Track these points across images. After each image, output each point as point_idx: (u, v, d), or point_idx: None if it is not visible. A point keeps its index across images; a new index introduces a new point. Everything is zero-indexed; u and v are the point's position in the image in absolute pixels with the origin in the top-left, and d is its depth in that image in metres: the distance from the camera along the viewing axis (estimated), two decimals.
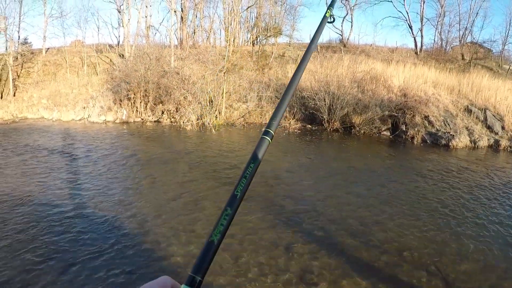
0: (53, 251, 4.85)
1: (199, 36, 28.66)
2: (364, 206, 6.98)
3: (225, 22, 22.64)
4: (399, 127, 15.52)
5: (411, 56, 26.86)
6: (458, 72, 21.76)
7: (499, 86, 18.49)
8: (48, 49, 26.94)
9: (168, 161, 9.90)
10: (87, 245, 5.02)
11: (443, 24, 31.01)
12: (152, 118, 16.85)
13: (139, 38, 25.15)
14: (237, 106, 16.93)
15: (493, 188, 8.74)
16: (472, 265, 4.93)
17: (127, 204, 6.57)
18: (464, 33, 30.83)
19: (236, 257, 4.82)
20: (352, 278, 4.48)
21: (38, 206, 6.37)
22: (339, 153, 12.49)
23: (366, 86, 16.87)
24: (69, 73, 22.65)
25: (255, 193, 7.27)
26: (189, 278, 0.63)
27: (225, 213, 0.70)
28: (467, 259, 5.09)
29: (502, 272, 4.80)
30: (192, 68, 17.67)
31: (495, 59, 30.55)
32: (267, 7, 26.90)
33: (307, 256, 4.95)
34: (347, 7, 30.97)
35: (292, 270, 4.61)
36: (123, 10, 26.87)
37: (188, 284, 0.62)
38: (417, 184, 8.74)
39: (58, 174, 8.47)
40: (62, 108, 17.90)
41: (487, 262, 5.02)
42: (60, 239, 5.17)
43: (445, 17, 31.01)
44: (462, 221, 6.47)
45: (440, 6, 30.45)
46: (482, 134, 15.13)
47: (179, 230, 5.56)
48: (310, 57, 1.15)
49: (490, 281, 4.58)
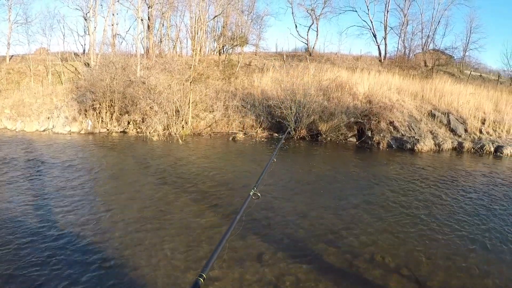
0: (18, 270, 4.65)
1: (165, 45, 28.51)
2: (333, 213, 7.06)
3: (191, 31, 22.60)
4: (365, 133, 15.85)
5: (375, 64, 27.61)
6: (421, 78, 22.52)
7: (461, 91, 19.23)
8: (12, 56, 26.12)
9: (134, 173, 9.70)
10: (51, 265, 4.81)
11: (406, 32, 32.18)
12: (118, 129, 16.52)
13: (105, 46, 24.74)
14: (203, 115, 16.83)
15: (458, 189, 9.11)
16: (445, 266, 5.14)
17: (93, 219, 6.33)
18: (426, 41, 32.08)
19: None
20: (326, 285, 4.57)
21: None
22: (306, 160, 12.61)
23: (331, 94, 17.19)
24: (33, 81, 21.93)
25: (222, 201, 7.24)
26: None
27: None
28: (437, 260, 5.28)
29: (474, 272, 5.00)
30: (158, 77, 17.46)
31: (456, 65, 31.85)
32: (234, 16, 27.16)
33: (279, 265, 4.97)
34: (313, 16, 31.63)
35: (265, 280, 4.63)
36: (89, 17, 26.34)
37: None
38: (384, 188, 8.95)
39: (20, 188, 8.11)
40: (26, 119, 17.27)
41: (456, 262, 5.24)
42: (19, 258, 4.97)
43: (408, 26, 32.21)
44: (430, 222, 6.73)
45: (403, 15, 31.57)
46: (446, 137, 15.69)
47: (145, 245, 5.44)
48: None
49: (463, 281, 4.78)
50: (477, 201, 8.25)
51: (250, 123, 16.92)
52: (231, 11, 25.79)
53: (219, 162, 11.42)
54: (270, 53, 29.54)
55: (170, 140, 14.59)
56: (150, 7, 25.58)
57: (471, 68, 31.85)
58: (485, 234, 6.27)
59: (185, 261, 5.05)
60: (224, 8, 25.09)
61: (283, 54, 27.95)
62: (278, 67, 22.36)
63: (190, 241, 5.64)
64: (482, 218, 7.08)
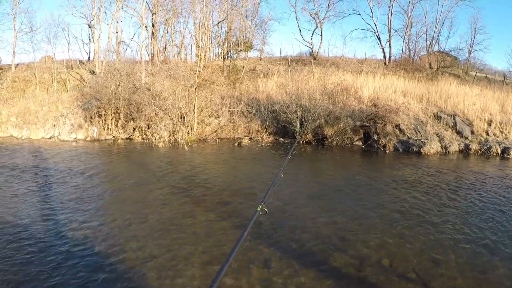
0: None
1: (170, 52, 28.61)
2: (339, 217, 7.00)
3: (196, 37, 22.73)
4: (371, 136, 15.77)
5: (380, 67, 27.52)
6: (426, 80, 22.40)
7: (466, 92, 19.14)
8: (18, 65, 26.27)
9: (140, 180, 9.68)
10: (63, 272, 4.76)
11: (410, 34, 32.02)
12: (124, 136, 16.55)
13: (110, 53, 24.89)
14: (209, 121, 16.82)
15: (468, 192, 9.01)
16: (451, 271, 5.08)
17: (101, 225, 6.33)
18: (431, 43, 31.90)
19: (211, 273, 4.73)
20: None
21: (4, 230, 6.10)
22: (312, 164, 12.56)
23: (337, 98, 17.14)
24: (39, 89, 22.07)
25: (230, 209, 7.18)
26: None
27: None
28: (446, 264, 5.23)
29: (480, 274, 4.95)
30: (163, 84, 17.50)
31: (461, 66, 31.65)
32: (238, 22, 27.22)
33: (286, 271, 4.92)
34: (317, 20, 31.59)
35: (273, 286, 4.59)
36: (93, 25, 26.49)
37: None
38: (392, 192, 8.87)
39: (27, 196, 8.12)
40: (31, 126, 17.35)
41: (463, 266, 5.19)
42: (30, 264, 4.91)
43: (412, 28, 32.07)
44: (440, 226, 6.67)
45: (407, 17, 31.45)
46: (453, 139, 15.58)
47: (154, 254, 5.40)
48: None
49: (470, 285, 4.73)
50: (488, 204, 8.10)
51: (256, 128, 16.88)
52: (235, 16, 25.92)
53: (225, 168, 11.39)
54: (274, 58, 29.53)
55: (176, 146, 14.58)
56: (154, 14, 25.75)
57: (476, 70, 31.68)
58: (497, 239, 6.15)
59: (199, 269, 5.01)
60: (228, 13, 25.24)
61: (288, 59, 27.92)
62: (283, 71, 22.34)
63: (198, 250, 5.58)
64: (496, 222, 6.93)
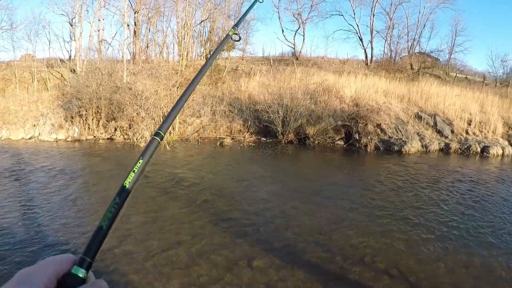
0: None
1: (152, 51, 28.31)
2: (322, 215, 7.06)
3: (178, 36, 22.50)
4: (352, 136, 15.95)
5: (362, 67, 27.90)
6: (407, 81, 22.81)
7: (447, 93, 19.55)
8: None
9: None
10: None
11: (392, 36, 32.60)
12: (105, 136, 16.33)
13: (91, 52, 24.52)
14: (191, 121, 16.73)
15: (447, 189, 9.23)
16: (432, 266, 5.17)
17: (79, 226, 6.23)
18: (412, 44, 32.52)
19: (197, 275, 4.69)
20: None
21: None
22: (294, 164, 12.65)
23: (319, 98, 17.27)
24: (19, 88, 21.61)
25: (209, 205, 7.15)
26: (80, 259, 0.68)
27: (114, 202, 0.78)
28: (426, 261, 5.32)
29: (464, 272, 5.06)
30: (145, 83, 17.33)
31: (442, 67, 32.31)
32: (221, 21, 27.11)
33: (270, 271, 4.93)
34: (299, 21, 31.89)
35: (257, 286, 4.59)
36: (75, 23, 26.09)
37: (79, 264, 0.67)
38: (374, 190, 8.99)
39: (6, 199, 8.01)
40: (11, 126, 16.98)
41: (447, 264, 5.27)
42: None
43: (394, 29, 32.70)
44: (422, 222, 6.81)
45: (389, 19, 32.03)
46: (433, 138, 15.89)
47: (133, 252, 5.36)
48: (207, 70, 1.24)
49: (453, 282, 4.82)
50: (467, 201, 8.33)
51: (238, 128, 16.88)
52: (218, 16, 25.82)
53: (207, 167, 11.37)
54: (257, 58, 29.62)
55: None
56: (136, 13, 25.47)
57: (456, 71, 32.34)
58: (476, 233, 6.33)
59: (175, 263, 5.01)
60: (211, 13, 25.11)
61: (270, 59, 28.04)
62: (265, 71, 22.38)
63: (181, 248, 5.57)
64: (471, 218, 7.14)
